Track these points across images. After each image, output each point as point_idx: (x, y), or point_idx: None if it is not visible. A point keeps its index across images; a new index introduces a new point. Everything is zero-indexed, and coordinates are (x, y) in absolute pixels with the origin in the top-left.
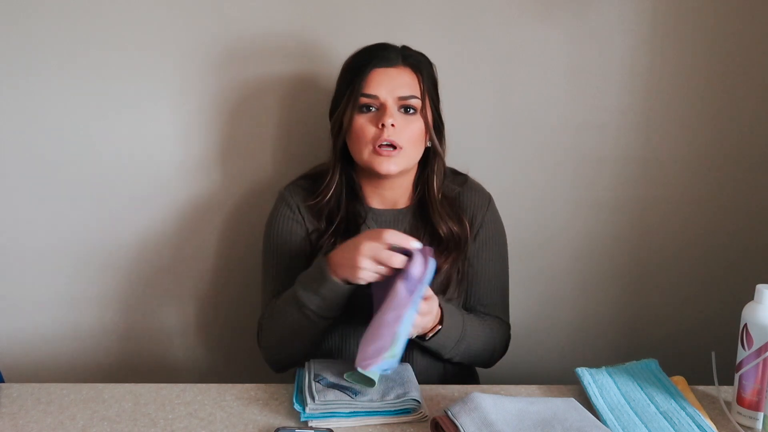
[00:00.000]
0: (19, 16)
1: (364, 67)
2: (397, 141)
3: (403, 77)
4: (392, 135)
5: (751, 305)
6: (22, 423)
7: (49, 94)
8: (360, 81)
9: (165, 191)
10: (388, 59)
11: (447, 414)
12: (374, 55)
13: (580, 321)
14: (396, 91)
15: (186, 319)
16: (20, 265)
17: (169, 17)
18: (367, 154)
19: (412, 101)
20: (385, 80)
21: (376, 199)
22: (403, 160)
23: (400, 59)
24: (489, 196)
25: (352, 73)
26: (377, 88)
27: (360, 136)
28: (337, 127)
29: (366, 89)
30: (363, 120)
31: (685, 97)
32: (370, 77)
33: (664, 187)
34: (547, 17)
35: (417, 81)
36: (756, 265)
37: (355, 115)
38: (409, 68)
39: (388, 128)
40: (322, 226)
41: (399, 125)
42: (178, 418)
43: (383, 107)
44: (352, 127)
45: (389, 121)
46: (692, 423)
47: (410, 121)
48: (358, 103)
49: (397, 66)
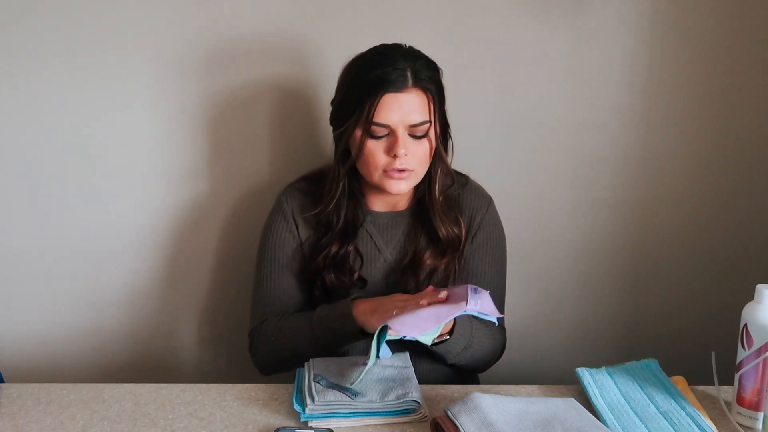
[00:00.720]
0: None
1: (374, 91)
2: (408, 167)
3: (413, 102)
4: (404, 163)
5: (751, 305)
6: (22, 423)
7: (46, 96)
8: (371, 107)
9: (164, 193)
10: (398, 83)
11: (447, 414)
12: (384, 78)
13: (580, 321)
14: (407, 118)
15: (186, 319)
16: (20, 265)
17: (165, 18)
18: (377, 177)
19: (423, 127)
20: (395, 107)
21: (377, 203)
22: (414, 179)
23: (410, 81)
24: (489, 199)
25: (361, 93)
26: (388, 116)
27: (370, 161)
28: (344, 145)
29: (377, 117)
30: (374, 146)
31: (685, 97)
32: (381, 103)
33: (663, 187)
34: (547, 17)
35: (427, 102)
36: (756, 265)
37: (366, 139)
38: (419, 90)
39: (401, 157)
40: (320, 231)
41: (410, 151)
42: (178, 418)
43: (394, 134)
44: (362, 151)
45: (402, 151)
46: (692, 423)
47: (420, 143)
48: (369, 129)
49: (407, 90)
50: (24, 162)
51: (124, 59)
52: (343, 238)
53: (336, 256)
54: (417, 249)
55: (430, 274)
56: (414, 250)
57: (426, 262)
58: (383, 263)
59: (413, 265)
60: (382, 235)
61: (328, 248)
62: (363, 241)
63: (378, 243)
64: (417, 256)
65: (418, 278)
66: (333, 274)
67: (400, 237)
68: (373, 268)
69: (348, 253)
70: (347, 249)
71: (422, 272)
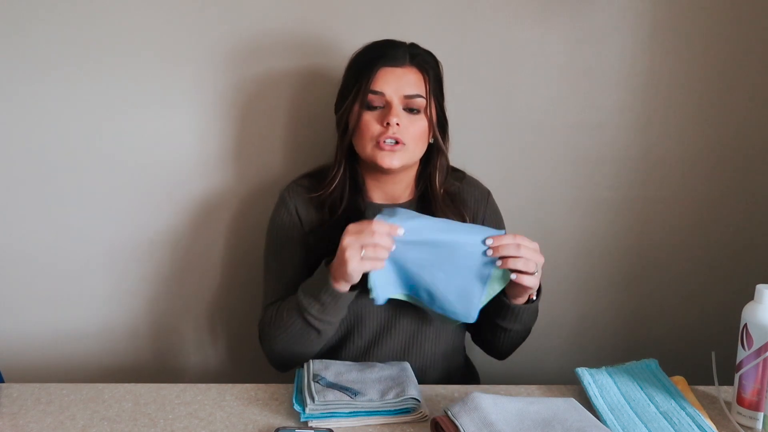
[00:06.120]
0: (27, 18)
1: (372, 65)
2: (401, 137)
3: (409, 77)
4: (396, 132)
5: (751, 305)
6: (22, 423)
7: (62, 95)
8: (367, 78)
9: (170, 192)
10: (395, 58)
11: (447, 414)
12: (382, 53)
13: (580, 321)
14: (402, 89)
15: (187, 319)
16: (20, 264)
17: (176, 17)
18: (370, 148)
19: (417, 101)
20: (391, 79)
21: (378, 194)
22: (406, 156)
23: (408, 58)
24: (487, 191)
25: (360, 70)
26: (384, 85)
27: (364, 132)
28: (344, 122)
29: (373, 86)
30: (369, 117)
31: (684, 96)
32: (378, 75)
33: (663, 186)
34: (547, 17)
35: (423, 81)
36: (756, 265)
37: (362, 111)
38: (416, 68)
39: (393, 126)
40: (323, 220)
41: (403, 124)
42: (178, 418)
43: (389, 105)
44: (358, 123)
45: (394, 120)
46: (692, 423)
47: (414, 119)
48: (365, 99)
49: (404, 66)
50: (30, 160)
51: (134, 59)
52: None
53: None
54: None
55: None
56: None
57: None
58: None
59: None
60: None
61: (330, 236)
62: None
63: None
64: None
65: None
66: None
67: None
68: None
69: None
70: None
71: None
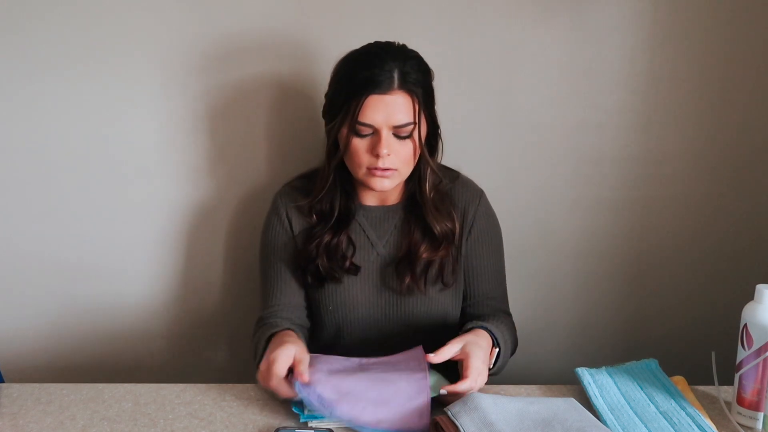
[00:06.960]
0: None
1: (359, 92)
2: (391, 165)
3: (398, 104)
4: (387, 162)
5: (751, 305)
6: (22, 423)
7: (50, 99)
8: (356, 107)
9: (163, 194)
10: (382, 84)
11: (447, 414)
12: (370, 78)
13: (580, 321)
14: (390, 119)
15: (186, 319)
16: (20, 264)
17: (166, 20)
18: (361, 174)
19: (407, 128)
20: (380, 107)
21: (368, 197)
22: (398, 178)
23: (396, 83)
24: (480, 192)
25: (349, 92)
26: (373, 115)
27: (355, 158)
28: (333, 137)
29: (362, 117)
30: (358, 144)
31: (685, 96)
32: (366, 104)
33: (663, 186)
34: (547, 17)
35: (412, 104)
36: (756, 265)
37: (351, 136)
38: (404, 92)
39: (383, 157)
40: (314, 222)
41: (393, 150)
42: (178, 418)
43: (378, 134)
44: (347, 149)
45: (384, 151)
46: (692, 423)
47: (404, 144)
48: (354, 127)
49: (392, 91)
50: (28, 162)
51: (126, 62)
52: (336, 228)
53: (329, 244)
54: (412, 243)
55: (425, 266)
56: (408, 243)
57: (422, 256)
58: (376, 257)
59: (409, 258)
60: (375, 229)
61: (320, 237)
62: (355, 233)
63: (370, 236)
64: (412, 249)
65: (415, 271)
66: (326, 260)
67: (393, 231)
68: (366, 261)
69: (341, 241)
70: (340, 238)
71: (418, 265)
